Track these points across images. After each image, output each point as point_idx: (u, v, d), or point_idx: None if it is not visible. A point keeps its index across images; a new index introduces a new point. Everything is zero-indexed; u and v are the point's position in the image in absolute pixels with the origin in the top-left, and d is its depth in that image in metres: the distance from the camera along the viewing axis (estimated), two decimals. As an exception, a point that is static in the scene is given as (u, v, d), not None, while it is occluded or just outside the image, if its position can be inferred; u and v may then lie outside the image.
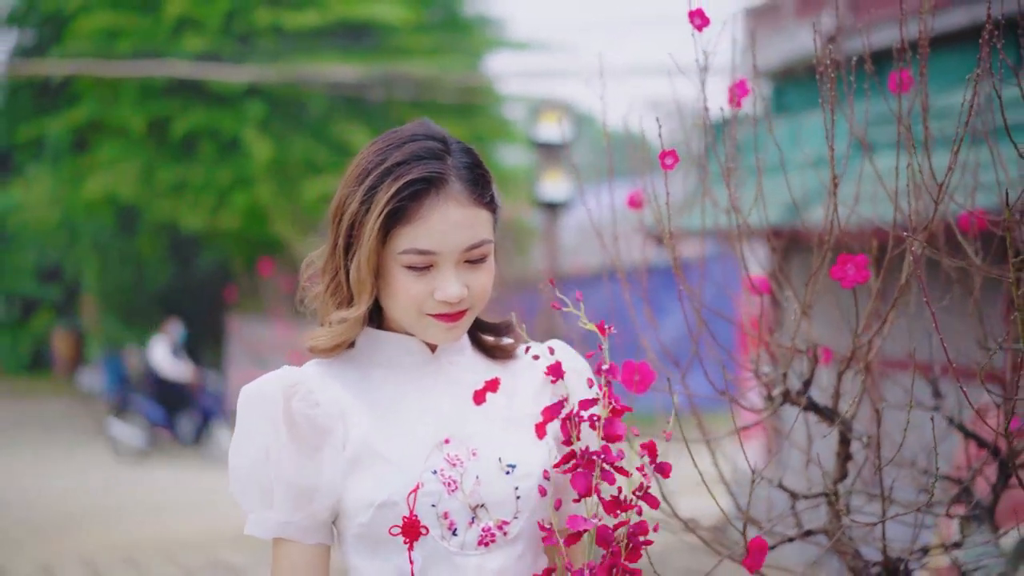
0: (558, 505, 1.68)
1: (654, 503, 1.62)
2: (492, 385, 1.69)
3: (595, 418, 1.63)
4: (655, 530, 1.66)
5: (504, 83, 18.99)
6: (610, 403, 1.63)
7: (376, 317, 1.80)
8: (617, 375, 1.63)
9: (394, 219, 1.67)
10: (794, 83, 7.47)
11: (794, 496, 2.18)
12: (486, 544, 1.69)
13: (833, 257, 1.97)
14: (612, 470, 1.62)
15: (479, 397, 1.70)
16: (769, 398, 2.12)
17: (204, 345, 19.18)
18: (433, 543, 1.68)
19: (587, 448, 1.62)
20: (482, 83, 18.02)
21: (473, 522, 1.69)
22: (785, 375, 2.08)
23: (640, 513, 1.62)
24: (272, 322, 15.28)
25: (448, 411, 1.75)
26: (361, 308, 1.72)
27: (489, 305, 1.81)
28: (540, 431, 1.67)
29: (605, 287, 2.76)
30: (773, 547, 2.13)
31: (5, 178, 21.96)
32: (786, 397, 2.08)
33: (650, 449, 1.64)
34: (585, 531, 1.61)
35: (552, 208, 14.27)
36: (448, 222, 1.67)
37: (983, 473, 2.40)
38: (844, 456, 2.11)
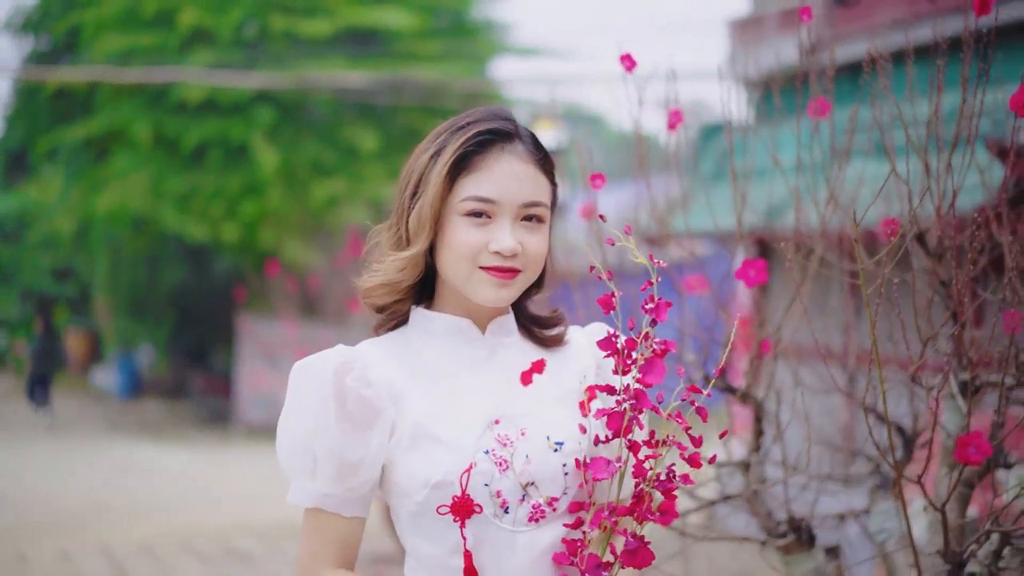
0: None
1: (698, 443, 1.64)
2: (538, 367, 1.75)
3: (634, 361, 1.64)
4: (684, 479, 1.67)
5: (510, 88, 19.34)
6: (651, 345, 1.64)
7: (428, 299, 1.87)
8: (664, 314, 1.65)
9: (460, 168, 1.75)
10: (777, 92, 7.80)
11: (716, 465, 2.54)
12: (536, 520, 1.72)
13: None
14: (651, 411, 1.64)
15: (526, 378, 1.76)
16: (690, 382, 2.47)
17: (217, 344, 19.57)
18: (485, 521, 1.72)
19: (628, 386, 1.64)
20: (489, 88, 18.36)
21: (524, 499, 1.72)
22: (706, 362, 2.43)
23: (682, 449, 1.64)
24: (281, 321, 15.67)
25: (498, 391, 1.79)
26: (417, 247, 1.77)
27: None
28: (584, 408, 1.72)
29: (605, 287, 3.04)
30: (697, 509, 2.49)
31: (20, 179, 22.38)
32: (707, 381, 2.43)
33: (693, 390, 1.65)
34: (602, 478, 1.65)
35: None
36: (511, 173, 1.75)
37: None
38: (757, 432, 2.47)
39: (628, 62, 2.25)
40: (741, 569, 6.83)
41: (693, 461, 1.65)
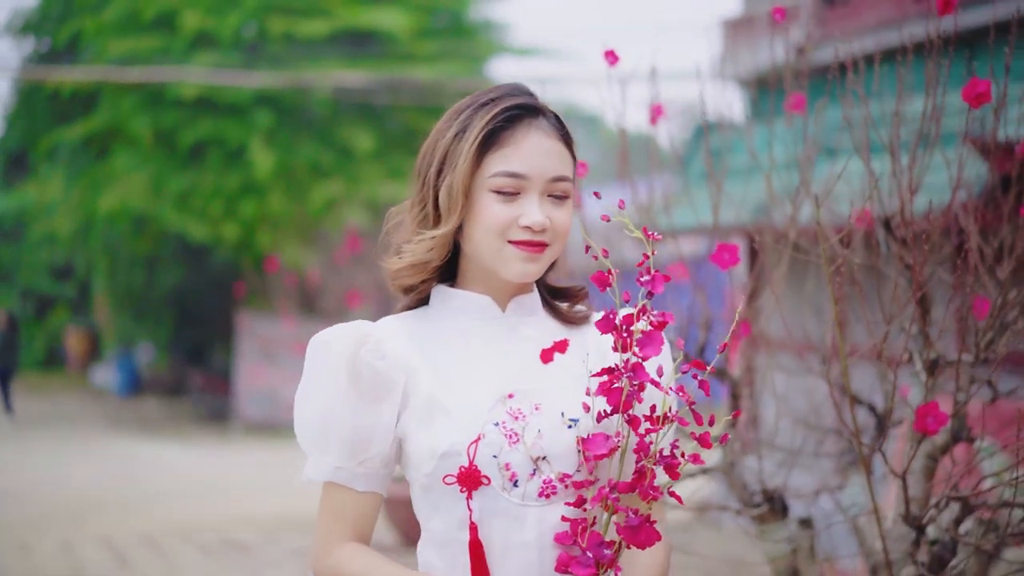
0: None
1: (699, 420, 1.64)
2: (561, 346, 1.71)
3: (632, 334, 1.64)
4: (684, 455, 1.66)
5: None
6: (650, 318, 1.64)
7: (451, 278, 1.87)
8: (660, 286, 1.63)
9: (488, 144, 1.75)
10: (768, 91, 7.93)
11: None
12: (547, 496, 1.71)
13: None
14: (649, 383, 1.62)
15: (547, 356, 1.71)
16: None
17: (216, 342, 19.70)
18: (493, 494, 1.71)
19: (627, 361, 1.64)
20: (486, 88, 18.42)
21: (534, 474, 1.71)
22: (684, 343, 2.57)
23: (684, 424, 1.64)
24: (280, 319, 15.80)
25: (514, 367, 1.78)
26: (448, 226, 1.77)
27: None
28: (598, 388, 1.67)
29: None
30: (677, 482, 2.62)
31: (20, 178, 22.50)
32: (686, 359, 2.57)
33: (697, 366, 1.65)
34: (602, 455, 1.64)
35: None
36: (539, 149, 1.76)
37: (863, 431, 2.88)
38: (734, 409, 2.61)
39: (611, 58, 2.39)
40: (732, 562, 6.95)
41: (703, 441, 1.64)
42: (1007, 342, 2.37)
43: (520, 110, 1.77)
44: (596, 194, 1.84)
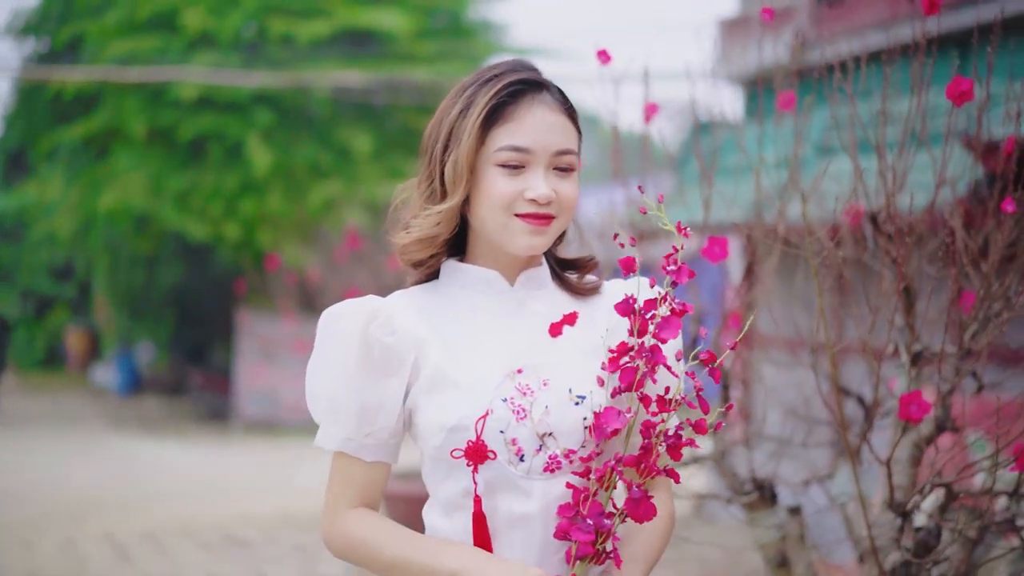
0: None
1: (705, 406, 1.68)
2: (570, 319, 1.76)
3: (653, 317, 1.69)
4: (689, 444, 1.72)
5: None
6: (671, 305, 1.69)
7: (460, 253, 1.91)
8: (685, 278, 1.69)
9: (492, 119, 1.79)
10: (764, 90, 7.99)
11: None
12: (552, 471, 1.75)
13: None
14: (664, 367, 1.68)
15: (555, 330, 1.76)
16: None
17: (216, 341, 19.74)
18: (499, 467, 1.75)
19: (643, 343, 1.68)
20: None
21: (540, 449, 1.75)
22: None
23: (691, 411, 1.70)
24: (281, 317, 15.84)
25: (523, 341, 1.81)
26: (453, 200, 1.80)
27: None
28: (612, 365, 1.72)
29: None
30: (678, 463, 2.68)
31: (20, 178, 22.55)
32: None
33: (709, 357, 1.69)
34: (617, 429, 1.68)
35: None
36: (543, 123, 1.79)
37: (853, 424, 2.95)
38: (725, 400, 2.67)
39: (603, 57, 2.45)
40: (730, 562, 7.02)
41: (699, 427, 1.70)
42: (990, 333, 2.43)
43: (523, 85, 1.80)
44: (640, 188, 1.89)
